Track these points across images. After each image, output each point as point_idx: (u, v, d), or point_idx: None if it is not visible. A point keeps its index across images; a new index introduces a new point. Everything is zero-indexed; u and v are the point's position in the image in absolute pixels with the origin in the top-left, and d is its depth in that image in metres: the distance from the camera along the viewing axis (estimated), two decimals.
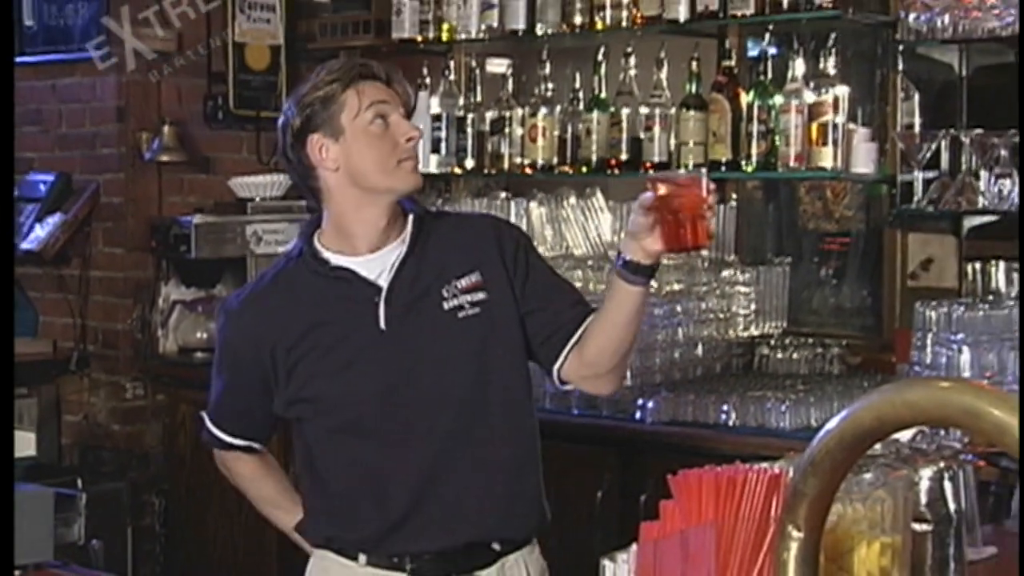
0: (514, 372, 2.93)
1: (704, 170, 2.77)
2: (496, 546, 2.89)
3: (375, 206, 2.89)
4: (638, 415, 4.43)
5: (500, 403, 2.90)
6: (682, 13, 4.84)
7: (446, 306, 2.88)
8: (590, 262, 5.01)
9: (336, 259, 2.91)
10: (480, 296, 2.90)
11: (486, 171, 5.39)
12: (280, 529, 3.13)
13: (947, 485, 2.11)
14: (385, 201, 2.89)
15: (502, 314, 2.91)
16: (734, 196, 5.27)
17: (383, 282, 2.88)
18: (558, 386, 3.04)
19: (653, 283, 2.86)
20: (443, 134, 5.47)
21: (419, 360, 2.86)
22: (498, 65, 5.69)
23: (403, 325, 2.87)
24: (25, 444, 3.33)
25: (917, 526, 1.97)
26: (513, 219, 5.19)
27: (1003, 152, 4.25)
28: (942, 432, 3.08)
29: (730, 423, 4.38)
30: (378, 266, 2.90)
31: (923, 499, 2.06)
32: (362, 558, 2.90)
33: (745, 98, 4.76)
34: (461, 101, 5.50)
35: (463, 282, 2.90)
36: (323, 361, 2.88)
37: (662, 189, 2.72)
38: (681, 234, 2.71)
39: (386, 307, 2.87)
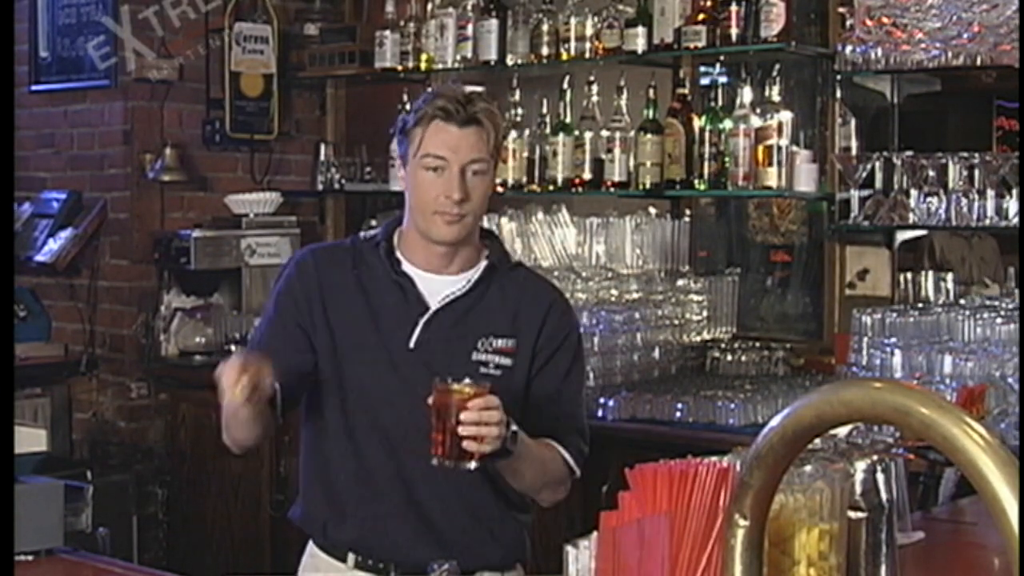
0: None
1: (490, 389, 2.53)
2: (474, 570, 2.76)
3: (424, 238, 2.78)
4: (600, 412, 4.42)
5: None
6: (640, 45, 4.85)
7: (474, 357, 2.74)
8: (556, 272, 5.00)
9: (406, 265, 2.80)
10: (507, 362, 2.77)
11: None
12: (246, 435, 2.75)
13: (880, 476, 2.11)
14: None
15: (515, 382, 2.76)
16: (688, 212, 5.29)
17: (433, 305, 2.77)
18: None
19: (510, 450, 2.59)
20: None
21: (428, 390, 2.66)
22: None
23: (428, 353, 2.74)
24: (38, 440, 3.30)
25: (852, 514, 1.96)
26: None
27: (931, 172, 4.26)
28: (876, 428, 3.08)
29: (684, 420, 4.39)
30: (437, 288, 2.79)
31: (858, 489, 2.06)
32: (350, 559, 2.79)
33: (698, 123, 4.76)
34: None
35: (499, 343, 2.77)
36: (353, 346, 2.77)
37: (437, 396, 2.53)
38: (437, 441, 2.53)
39: (423, 329, 2.76)
